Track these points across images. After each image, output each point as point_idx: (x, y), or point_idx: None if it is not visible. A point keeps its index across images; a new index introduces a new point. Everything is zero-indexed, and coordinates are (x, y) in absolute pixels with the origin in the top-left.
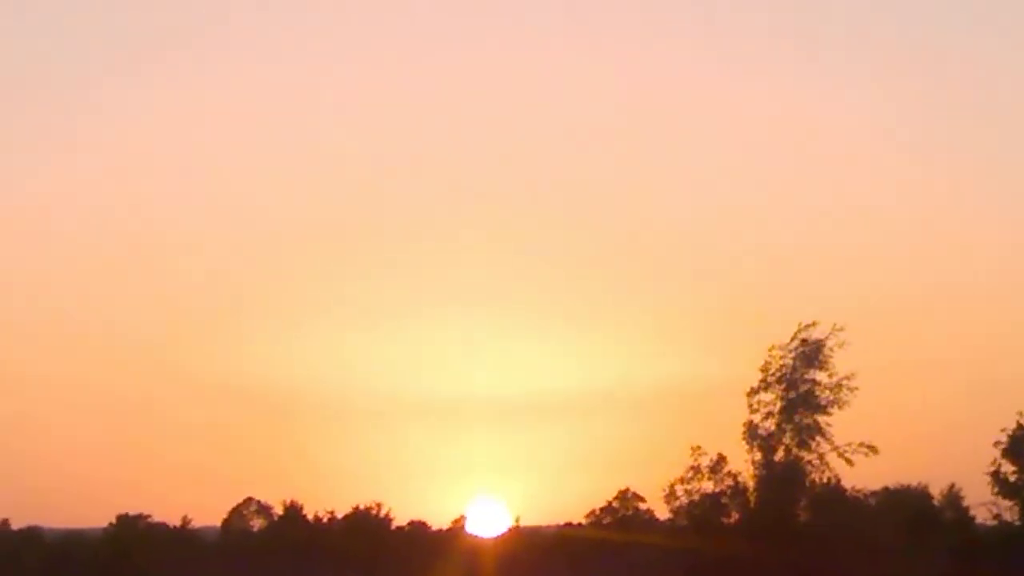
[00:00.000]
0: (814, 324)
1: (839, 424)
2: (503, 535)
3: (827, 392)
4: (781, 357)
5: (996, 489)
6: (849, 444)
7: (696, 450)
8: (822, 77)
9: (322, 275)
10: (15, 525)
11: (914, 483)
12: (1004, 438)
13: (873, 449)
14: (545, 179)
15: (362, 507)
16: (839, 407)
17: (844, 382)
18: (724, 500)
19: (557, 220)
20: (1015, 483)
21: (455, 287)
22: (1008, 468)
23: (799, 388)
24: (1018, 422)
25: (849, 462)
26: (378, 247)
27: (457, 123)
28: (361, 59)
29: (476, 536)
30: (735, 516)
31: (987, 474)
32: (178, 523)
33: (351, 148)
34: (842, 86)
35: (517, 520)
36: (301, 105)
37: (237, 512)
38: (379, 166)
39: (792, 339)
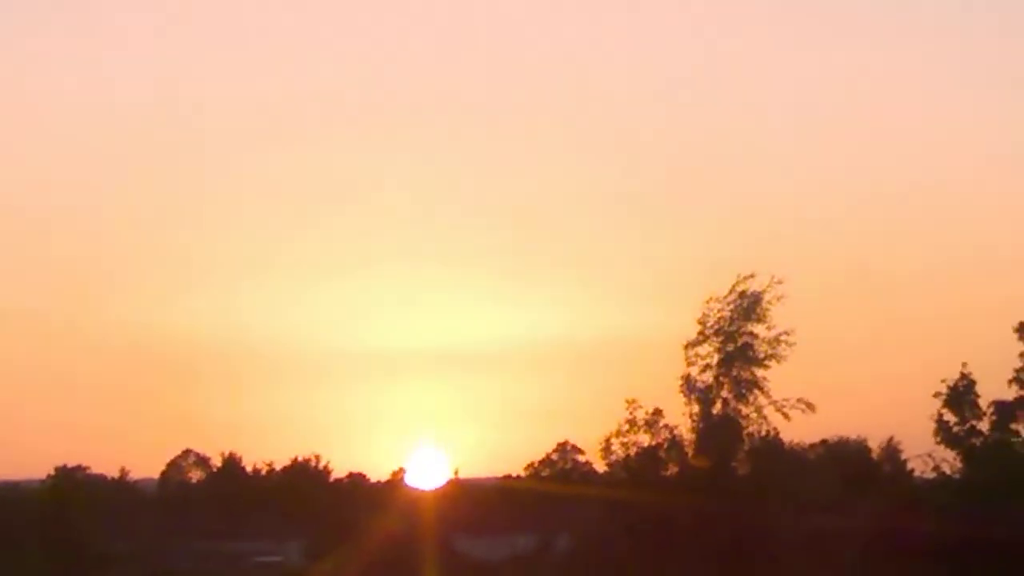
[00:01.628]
0: (752, 276)
1: (777, 377)
2: (442, 487)
3: (765, 346)
4: (719, 310)
5: (939, 439)
6: (786, 399)
7: (631, 403)
8: (770, 27)
9: (259, 226)
10: None
11: (853, 436)
12: (945, 389)
13: (810, 406)
14: (482, 131)
15: (300, 459)
16: (777, 361)
17: (783, 336)
18: (661, 453)
19: (493, 173)
20: (956, 433)
21: (393, 238)
22: (951, 418)
23: (737, 341)
24: (961, 373)
25: (786, 417)
26: (315, 198)
27: (399, 68)
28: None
29: (415, 488)
30: (672, 469)
31: (932, 419)
32: (116, 475)
33: (293, 95)
34: (788, 33)
35: (456, 472)
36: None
37: (175, 464)
38: (314, 114)
39: (730, 291)
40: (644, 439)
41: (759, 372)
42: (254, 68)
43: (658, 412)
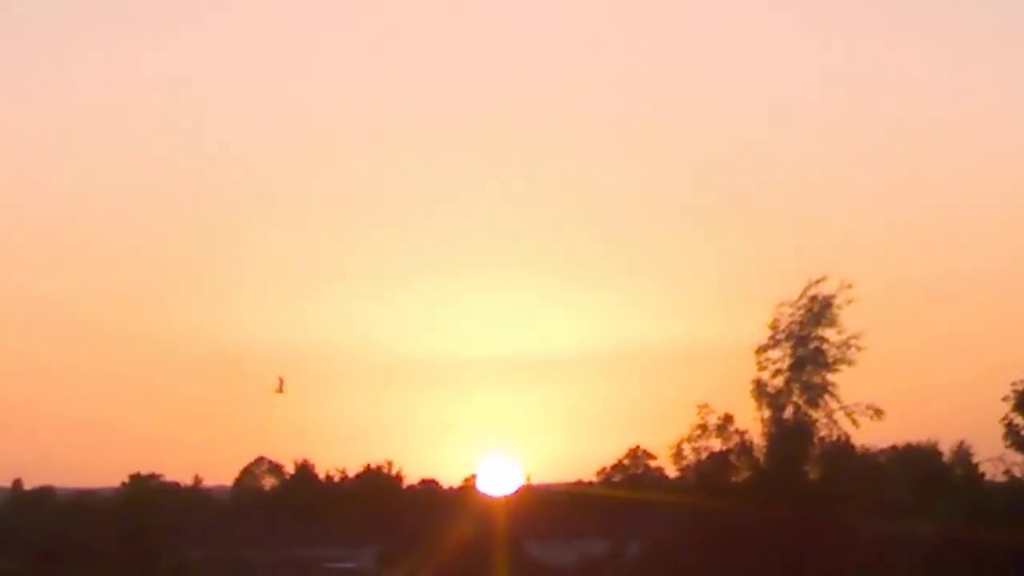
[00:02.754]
0: (823, 279)
1: (847, 382)
2: (514, 493)
3: (835, 350)
4: (790, 314)
5: (1008, 443)
6: (856, 404)
7: (703, 408)
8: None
9: (331, 235)
10: (28, 485)
11: (924, 441)
12: (1011, 393)
13: (879, 412)
14: (554, 142)
15: (373, 466)
16: (848, 364)
17: (852, 340)
18: (732, 458)
19: (566, 180)
20: None
21: (466, 247)
22: (1020, 422)
23: (808, 345)
24: None
25: (855, 423)
26: (387, 208)
27: (462, 80)
28: (366, 20)
29: (487, 494)
30: (744, 474)
31: (1001, 423)
32: (190, 482)
33: (357, 104)
34: (857, 29)
35: (528, 478)
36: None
37: (249, 471)
38: (385, 123)
39: (801, 296)
40: (715, 444)
41: (830, 377)
42: (328, 76)
43: (729, 417)
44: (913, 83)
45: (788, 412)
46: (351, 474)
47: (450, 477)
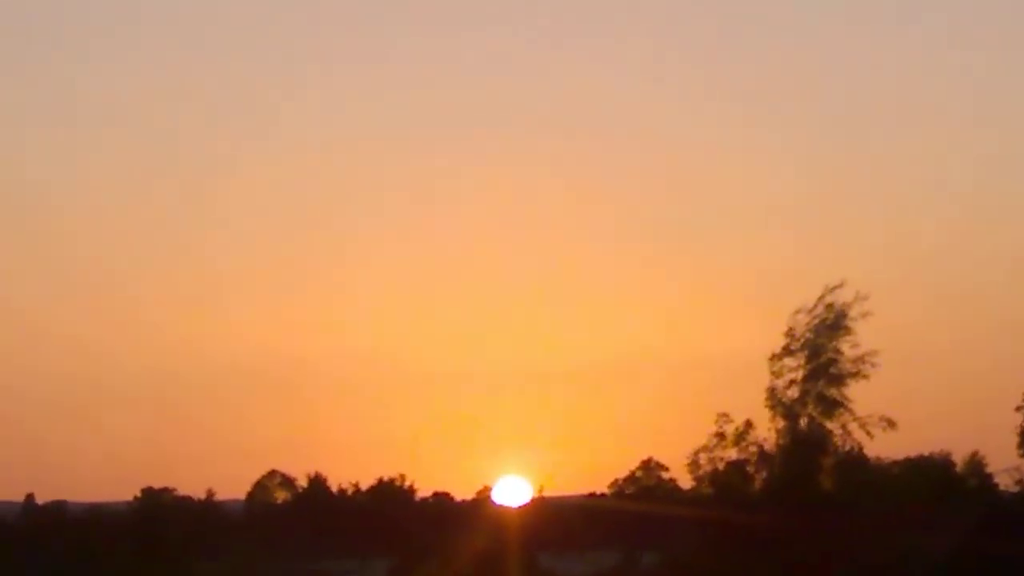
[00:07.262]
0: (841, 286)
1: (861, 392)
2: (527, 505)
3: (849, 364)
4: (805, 322)
5: (1022, 452)
6: (869, 416)
7: (722, 416)
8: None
9: (345, 249)
10: (40, 500)
11: (937, 451)
12: None
13: (892, 424)
14: (567, 151)
15: (386, 479)
16: (865, 377)
17: (868, 357)
18: (748, 468)
19: (580, 189)
20: None
21: (479, 259)
22: None
23: (821, 357)
24: None
25: (869, 435)
26: (399, 218)
27: (471, 89)
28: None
29: (501, 506)
30: (759, 484)
31: (1016, 432)
32: (203, 496)
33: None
34: (878, 36)
35: (541, 490)
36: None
37: (261, 485)
38: (393, 130)
39: (817, 303)
40: (732, 454)
41: (843, 390)
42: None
43: (749, 425)
44: (932, 92)
45: (803, 423)
46: (363, 487)
47: (463, 489)
